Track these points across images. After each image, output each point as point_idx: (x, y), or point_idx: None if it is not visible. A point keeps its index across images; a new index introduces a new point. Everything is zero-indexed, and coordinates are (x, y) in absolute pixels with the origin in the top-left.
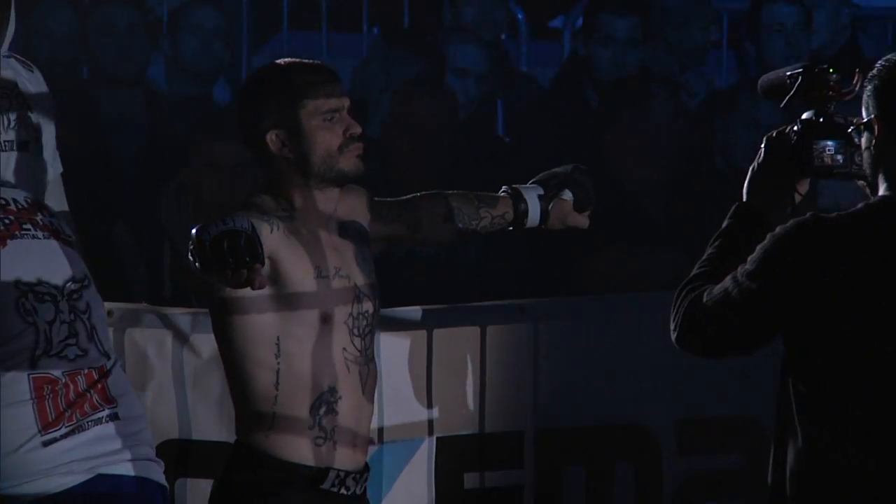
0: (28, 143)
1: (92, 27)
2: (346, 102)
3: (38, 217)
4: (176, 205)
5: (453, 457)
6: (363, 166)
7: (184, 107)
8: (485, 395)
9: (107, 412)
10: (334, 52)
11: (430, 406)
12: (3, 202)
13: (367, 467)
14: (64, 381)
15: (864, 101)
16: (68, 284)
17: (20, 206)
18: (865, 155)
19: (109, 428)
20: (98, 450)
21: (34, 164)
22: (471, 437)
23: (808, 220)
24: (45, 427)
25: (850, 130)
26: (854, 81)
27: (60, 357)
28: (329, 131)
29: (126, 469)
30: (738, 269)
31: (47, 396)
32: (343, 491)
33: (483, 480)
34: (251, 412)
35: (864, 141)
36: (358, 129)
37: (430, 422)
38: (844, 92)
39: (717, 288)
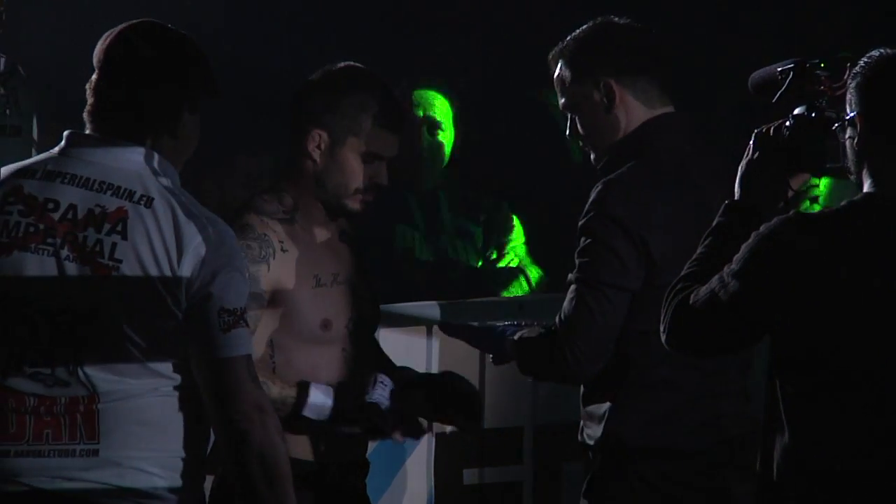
0: (21, 128)
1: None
2: (393, 154)
3: (83, 235)
4: None
5: (452, 453)
6: (364, 209)
7: None
8: (484, 391)
9: (82, 447)
10: None
11: None
12: (52, 205)
13: (367, 462)
14: (34, 403)
15: (847, 98)
16: (58, 315)
17: (69, 217)
18: (849, 152)
19: (76, 462)
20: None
21: (28, 147)
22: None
23: (792, 217)
24: (5, 437)
25: (834, 127)
26: (845, 76)
27: (35, 380)
28: (360, 170)
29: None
30: (725, 268)
31: (11, 411)
32: (344, 486)
33: (482, 476)
34: None
35: (847, 138)
36: (384, 182)
37: (430, 419)
38: (836, 86)
39: (704, 289)
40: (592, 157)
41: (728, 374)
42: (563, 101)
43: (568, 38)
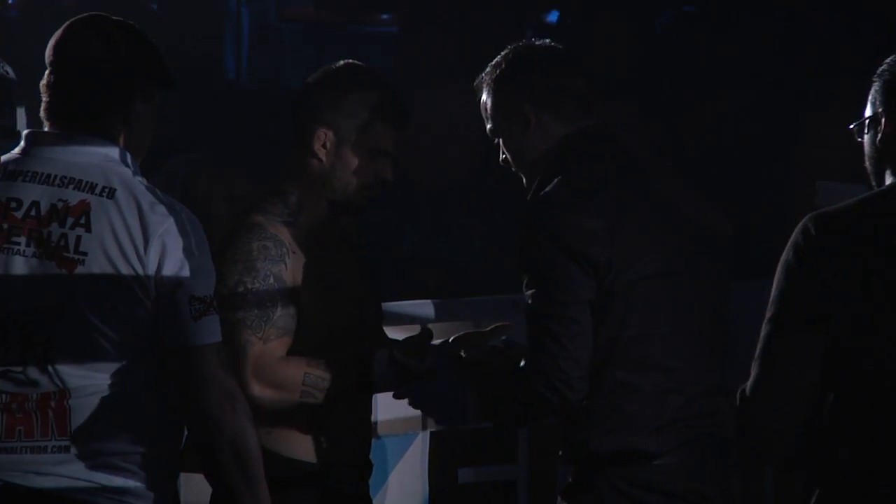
0: (13, 130)
1: None
2: (397, 149)
3: (47, 230)
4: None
5: (447, 451)
6: (370, 205)
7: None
8: None
9: (54, 443)
10: None
11: None
12: (14, 204)
13: (369, 463)
14: (6, 400)
15: (870, 98)
16: (27, 313)
17: (33, 214)
18: (869, 151)
19: (49, 458)
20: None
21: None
22: (465, 431)
23: (812, 220)
24: None
25: (851, 126)
26: None
27: (6, 378)
28: (366, 167)
29: (39, 482)
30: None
31: None
32: (346, 487)
33: (477, 475)
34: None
35: (867, 137)
36: (389, 178)
37: (424, 416)
38: None
39: (754, 364)
40: (524, 181)
41: (693, 370)
42: (488, 126)
43: (488, 66)
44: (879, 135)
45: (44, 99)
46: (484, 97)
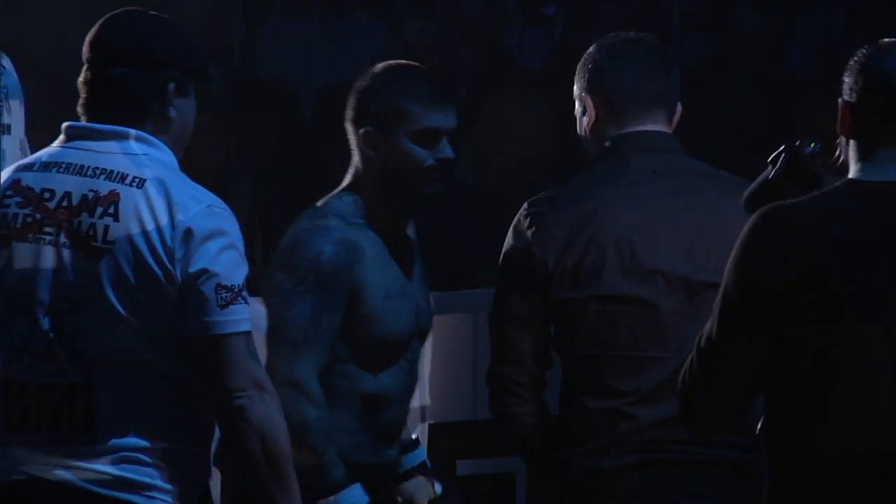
0: (10, 127)
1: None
2: (451, 126)
3: (77, 220)
4: None
5: (447, 443)
6: (442, 188)
7: None
8: (478, 382)
9: (80, 436)
10: (325, 40)
11: (423, 392)
12: (48, 195)
13: (414, 441)
14: (34, 392)
15: (844, 90)
16: (56, 303)
17: (65, 204)
18: (843, 141)
19: (75, 451)
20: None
21: (14, 147)
22: (464, 423)
23: (766, 210)
24: (6, 427)
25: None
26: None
27: (35, 369)
28: (419, 152)
29: (59, 476)
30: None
31: (12, 401)
32: (377, 485)
33: (476, 467)
34: None
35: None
36: (449, 154)
37: (423, 408)
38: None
39: (700, 341)
40: None
41: (657, 397)
42: None
43: None
44: (844, 124)
45: (81, 95)
46: None
